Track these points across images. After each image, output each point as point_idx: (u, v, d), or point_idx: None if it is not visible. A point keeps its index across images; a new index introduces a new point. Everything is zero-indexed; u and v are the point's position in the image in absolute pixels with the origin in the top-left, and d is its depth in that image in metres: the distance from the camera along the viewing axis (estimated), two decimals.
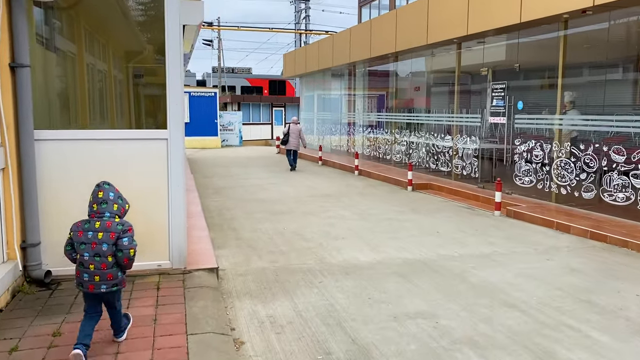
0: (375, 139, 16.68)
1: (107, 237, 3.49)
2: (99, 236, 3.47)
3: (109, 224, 3.52)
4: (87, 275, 3.50)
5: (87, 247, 3.49)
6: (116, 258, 3.53)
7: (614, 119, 8.28)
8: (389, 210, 9.48)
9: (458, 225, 8.28)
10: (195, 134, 28.90)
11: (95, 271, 3.49)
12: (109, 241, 3.49)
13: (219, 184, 12.86)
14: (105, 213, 3.54)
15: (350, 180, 13.93)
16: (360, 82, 18.29)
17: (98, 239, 3.47)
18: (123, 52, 6.14)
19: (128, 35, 5.99)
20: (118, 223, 3.55)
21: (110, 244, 3.49)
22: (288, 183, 13.13)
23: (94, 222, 3.52)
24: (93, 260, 3.49)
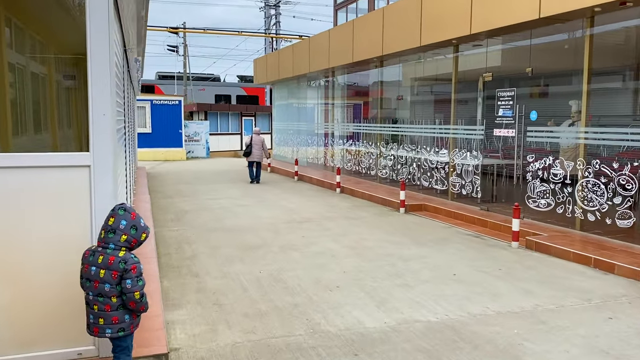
0: (357, 152, 15.13)
1: (109, 276, 3.09)
2: (101, 274, 3.10)
3: (111, 260, 3.10)
4: (92, 316, 3.17)
5: (91, 286, 3.14)
6: (122, 300, 3.14)
7: None
8: (385, 242, 7.87)
9: (475, 263, 6.73)
10: (158, 145, 26.86)
11: (99, 312, 3.14)
12: (112, 281, 3.10)
13: (180, 207, 11.01)
14: (110, 244, 3.14)
15: (331, 199, 12.30)
16: (340, 89, 16.75)
17: (100, 277, 3.10)
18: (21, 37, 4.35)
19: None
20: (121, 260, 3.10)
21: (114, 284, 3.11)
22: (262, 204, 11.40)
23: (98, 255, 3.14)
24: (96, 301, 3.13)
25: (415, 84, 13.58)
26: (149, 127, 26.80)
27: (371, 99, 15.11)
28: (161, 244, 7.66)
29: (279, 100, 22.32)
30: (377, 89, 14.23)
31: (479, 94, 10.60)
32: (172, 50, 42.25)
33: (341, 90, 16.71)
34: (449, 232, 8.74)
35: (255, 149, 15.02)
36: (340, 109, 16.76)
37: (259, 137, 15.24)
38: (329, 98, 17.25)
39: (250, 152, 15.03)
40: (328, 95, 17.32)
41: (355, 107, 16.47)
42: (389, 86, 14.02)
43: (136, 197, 11.07)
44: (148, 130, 26.71)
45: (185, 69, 42.95)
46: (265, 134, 36.40)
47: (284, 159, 21.31)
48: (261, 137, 15.29)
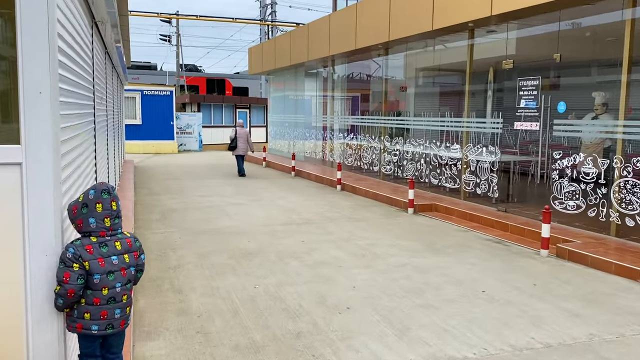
0: (359, 147, 14.18)
1: (132, 259, 2.86)
2: (127, 259, 2.82)
3: (129, 242, 2.86)
4: (120, 310, 2.80)
5: (118, 276, 2.77)
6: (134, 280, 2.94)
7: None
8: (396, 248, 6.95)
9: (503, 275, 5.82)
10: (148, 138, 25.82)
11: (127, 301, 2.84)
12: (134, 262, 2.88)
13: (168, 205, 10.04)
14: (118, 229, 2.84)
15: (332, 197, 11.36)
16: (340, 80, 15.77)
17: (126, 262, 2.81)
18: None
19: None
20: (134, 238, 2.92)
21: (135, 264, 2.88)
22: (257, 202, 10.44)
23: (112, 242, 2.78)
24: (125, 290, 2.82)
25: (423, 74, 12.64)
26: (139, 118, 25.74)
27: (374, 90, 14.16)
28: None
29: (275, 92, 21.31)
30: (381, 79, 13.28)
31: (489, 85, 9.68)
32: (164, 39, 41.05)
33: (341, 80, 15.74)
34: (466, 236, 7.82)
35: (240, 142, 14.74)
36: (340, 100, 15.80)
37: (244, 130, 15.00)
38: (328, 89, 16.28)
39: (236, 146, 14.75)
40: (327, 85, 16.35)
41: (356, 98, 15.53)
42: (393, 76, 13.06)
43: (118, 194, 10.08)
44: (138, 121, 25.65)
45: (178, 59, 41.77)
46: (260, 127, 35.49)
47: (280, 153, 20.34)
48: (245, 130, 15.04)
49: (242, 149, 14.84)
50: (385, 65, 13.01)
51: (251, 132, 35.00)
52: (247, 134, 15.02)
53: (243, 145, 14.85)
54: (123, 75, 13.82)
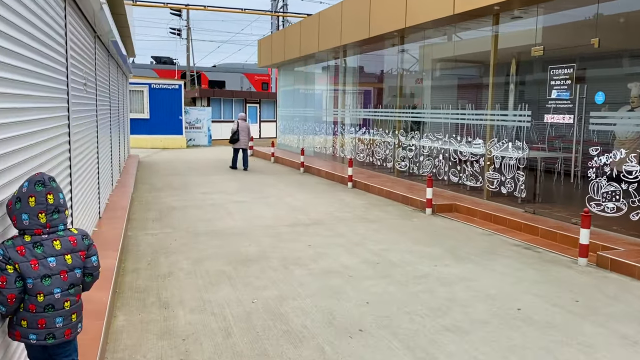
0: (371, 142, 13.42)
1: (77, 260, 2.49)
2: (68, 260, 2.44)
3: (73, 240, 2.49)
4: (62, 318, 2.44)
5: (56, 281, 2.41)
6: (83, 285, 2.57)
7: None
8: (415, 254, 6.21)
9: (539, 289, 5.06)
10: (156, 132, 25.28)
11: (72, 308, 2.48)
12: (81, 264, 2.52)
13: (167, 202, 9.38)
14: (59, 226, 2.45)
15: (343, 195, 10.63)
16: (352, 71, 15.00)
17: (68, 264, 2.44)
18: None
19: None
20: (83, 236, 2.55)
21: (82, 266, 2.53)
22: (262, 200, 9.74)
23: (50, 242, 2.41)
24: (68, 295, 2.45)
25: (440, 65, 11.85)
26: (147, 112, 25.20)
27: (387, 82, 13.38)
28: (131, 254, 6.04)
29: (284, 85, 20.59)
30: (396, 70, 12.48)
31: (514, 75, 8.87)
32: (174, 33, 40.49)
33: (353, 72, 14.97)
34: (492, 241, 7.05)
35: (242, 135, 14.54)
36: (352, 93, 15.03)
37: (246, 123, 14.76)
38: (339, 81, 15.51)
39: (238, 139, 14.55)
40: (338, 78, 15.59)
41: (369, 91, 14.76)
42: (409, 67, 12.27)
43: (115, 190, 9.45)
44: (146, 116, 25.11)
45: (189, 52, 41.22)
46: (270, 122, 34.83)
47: (288, 149, 19.65)
48: (247, 123, 14.86)
49: (243, 142, 14.65)
50: (401, 55, 12.22)
51: (261, 127, 34.45)
52: (249, 127, 14.87)
53: (245, 138, 14.66)
54: (125, 67, 13.19)
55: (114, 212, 7.44)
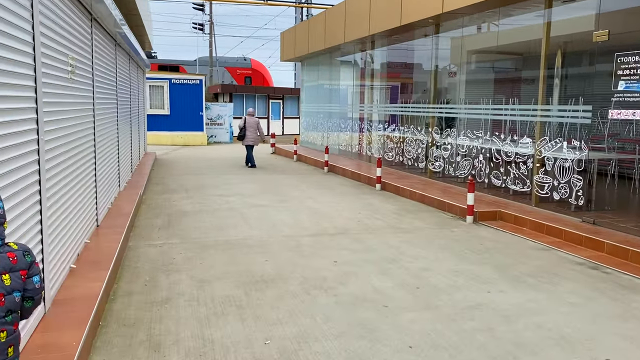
0: (401, 140, 12.39)
1: (17, 281, 2.01)
2: (6, 281, 1.97)
3: (13, 257, 2.00)
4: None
5: None
6: (21, 311, 2.06)
7: None
8: (461, 276, 5.21)
9: (624, 328, 4.01)
10: (176, 129, 24.65)
11: (9, 339, 2.00)
12: (21, 285, 2.02)
13: (178, 206, 8.56)
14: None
15: (371, 198, 9.65)
16: (380, 64, 13.97)
17: (5, 286, 1.97)
18: None
19: None
20: (24, 252, 2.05)
21: (22, 289, 2.03)
22: (282, 204, 8.84)
23: None
24: (5, 324, 1.97)
25: (477, 57, 10.75)
26: (167, 108, 24.58)
27: (419, 75, 12.32)
28: (128, 271, 5.19)
29: (308, 80, 19.65)
30: (429, 62, 11.42)
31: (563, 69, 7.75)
32: (197, 28, 39.95)
33: (381, 65, 13.93)
34: (549, 257, 6.00)
35: (249, 131, 14.18)
36: (380, 87, 14.01)
37: (253, 119, 14.34)
38: (366, 75, 14.50)
39: (244, 135, 14.18)
40: (365, 71, 14.57)
41: (398, 85, 13.73)
42: (443, 59, 11.18)
43: (123, 193, 8.66)
44: (166, 111, 24.50)
45: (212, 47, 40.64)
46: (294, 118, 33.98)
47: (312, 146, 18.73)
48: (255, 119, 14.42)
49: (250, 138, 14.21)
50: (435, 45, 11.14)
51: (284, 124, 33.63)
52: (257, 123, 14.36)
53: (252, 134, 14.23)
54: (140, 60, 12.44)
55: (115, 219, 6.62)
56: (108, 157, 7.41)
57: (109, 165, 7.43)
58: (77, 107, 5.13)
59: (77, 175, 5.12)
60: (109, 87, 7.64)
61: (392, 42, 13.05)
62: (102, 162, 6.73)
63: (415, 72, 12.69)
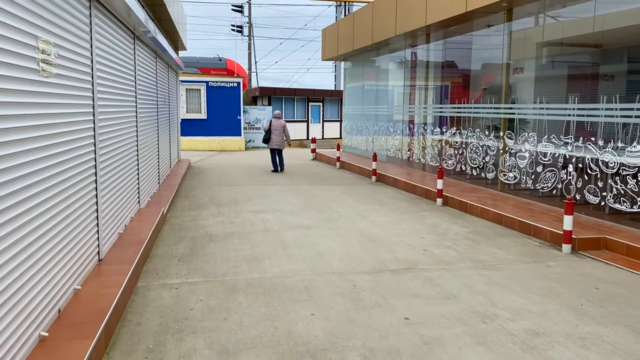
0: (464, 145, 10.74)
1: None
2: None
3: None
4: None
5: None
6: None
7: None
8: (593, 345, 3.62)
9: None
10: (214, 134, 23.67)
11: None
12: None
13: (206, 228, 7.23)
14: None
15: (433, 217, 8.09)
16: (436, 59, 12.35)
17: None
18: None
19: None
20: None
21: None
22: (328, 225, 7.38)
23: None
24: None
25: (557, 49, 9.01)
26: (204, 112, 23.64)
27: (485, 70, 10.64)
28: (126, 332, 3.84)
29: (352, 81, 18.18)
30: (498, 55, 9.75)
31: None
32: (235, 30, 39.16)
33: (437, 60, 12.31)
34: None
35: (274, 134, 13.64)
36: (436, 86, 12.40)
37: (279, 122, 13.82)
38: (419, 72, 12.90)
39: (269, 138, 13.68)
40: (419, 68, 12.98)
41: (457, 83, 12.07)
42: (516, 50, 9.48)
43: (143, 211, 7.41)
44: (203, 116, 23.57)
45: (250, 50, 39.77)
46: (334, 121, 32.58)
47: (355, 151, 17.24)
48: (281, 121, 13.88)
49: (276, 142, 13.64)
50: (506, 32, 9.46)
51: (324, 127, 32.27)
52: (284, 126, 13.83)
53: (277, 138, 13.67)
54: (169, 58, 11.28)
55: (125, 249, 5.33)
56: (123, 172, 6.16)
57: (123, 182, 6.17)
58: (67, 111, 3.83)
59: (81, 196, 3.83)
60: (126, 90, 6.40)
61: (450, 34, 11.43)
62: (111, 179, 5.47)
63: (478, 67, 11.03)
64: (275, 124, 13.70)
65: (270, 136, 13.64)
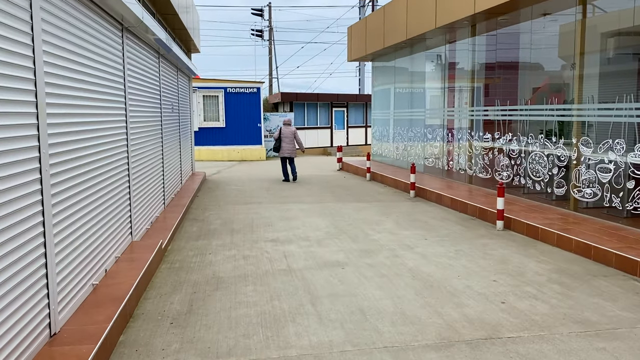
0: (522, 154, 9.04)
1: None
2: None
3: None
4: None
5: None
6: None
7: None
8: None
9: None
10: (233, 143, 22.33)
11: None
12: None
13: (213, 265, 5.72)
14: None
15: (497, 246, 6.44)
16: (484, 54, 10.69)
17: None
18: None
19: None
20: None
21: None
22: (367, 259, 5.80)
23: None
24: None
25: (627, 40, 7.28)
26: (223, 120, 22.33)
27: (547, 66, 8.96)
28: None
29: (381, 83, 16.59)
30: (573, 44, 8.06)
31: None
32: (255, 35, 37.96)
33: (484, 55, 10.65)
34: None
35: (285, 142, 13.00)
36: (482, 85, 10.72)
37: (290, 129, 13.07)
38: (461, 71, 11.24)
39: (280, 146, 13.03)
40: (461, 65, 11.32)
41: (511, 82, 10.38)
42: (593, 41, 7.78)
43: (136, 243, 5.94)
44: (221, 124, 22.26)
45: (271, 55, 38.55)
46: (358, 127, 31.00)
47: (385, 160, 15.63)
48: (291, 128, 13.11)
49: (287, 150, 12.99)
50: (578, 16, 7.77)
51: (349, 134, 30.71)
52: (294, 133, 13.10)
53: (288, 145, 12.99)
54: (179, 61, 9.89)
55: (94, 313, 3.85)
56: (109, 200, 4.71)
57: (105, 212, 4.72)
58: None
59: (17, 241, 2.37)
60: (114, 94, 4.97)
61: (499, 25, 9.77)
62: (86, 214, 4.01)
63: (534, 62, 9.33)
64: (285, 131, 13.05)
65: (280, 144, 13.02)
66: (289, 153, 13.02)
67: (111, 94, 5.24)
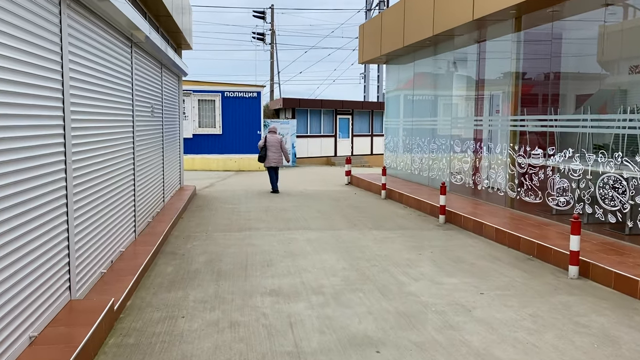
0: (589, 176, 7.19)
1: None
2: None
3: None
4: None
5: None
6: None
7: None
8: None
9: None
10: (230, 151, 20.54)
11: None
12: None
13: (181, 346, 3.86)
14: None
15: (583, 308, 4.59)
16: (528, 52, 8.87)
17: None
18: None
19: None
20: None
21: None
22: (410, 332, 3.95)
23: None
24: None
25: None
26: (219, 127, 20.55)
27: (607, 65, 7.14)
28: None
29: (396, 87, 14.77)
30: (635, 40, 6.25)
31: None
32: (257, 38, 36.27)
33: (529, 55, 8.83)
34: None
35: (271, 151, 12.39)
36: (525, 91, 8.90)
37: (275, 137, 12.49)
38: (499, 72, 9.41)
39: (265, 155, 12.39)
40: (499, 65, 9.49)
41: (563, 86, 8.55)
42: None
43: (76, 303, 4.08)
44: (217, 131, 20.47)
45: (273, 59, 36.85)
46: (364, 136, 29.23)
47: (400, 174, 13.78)
48: (277, 136, 12.56)
49: (273, 159, 12.36)
50: None
51: (354, 143, 28.93)
52: (280, 141, 12.54)
53: (274, 155, 12.38)
54: (166, 58, 8.09)
55: None
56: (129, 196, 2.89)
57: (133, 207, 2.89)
58: None
59: None
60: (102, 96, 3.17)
61: (557, 17, 7.98)
62: None
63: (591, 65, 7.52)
64: (271, 139, 12.43)
65: (266, 153, 12.35)
66: (275, 162, 12.40)
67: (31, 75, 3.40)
